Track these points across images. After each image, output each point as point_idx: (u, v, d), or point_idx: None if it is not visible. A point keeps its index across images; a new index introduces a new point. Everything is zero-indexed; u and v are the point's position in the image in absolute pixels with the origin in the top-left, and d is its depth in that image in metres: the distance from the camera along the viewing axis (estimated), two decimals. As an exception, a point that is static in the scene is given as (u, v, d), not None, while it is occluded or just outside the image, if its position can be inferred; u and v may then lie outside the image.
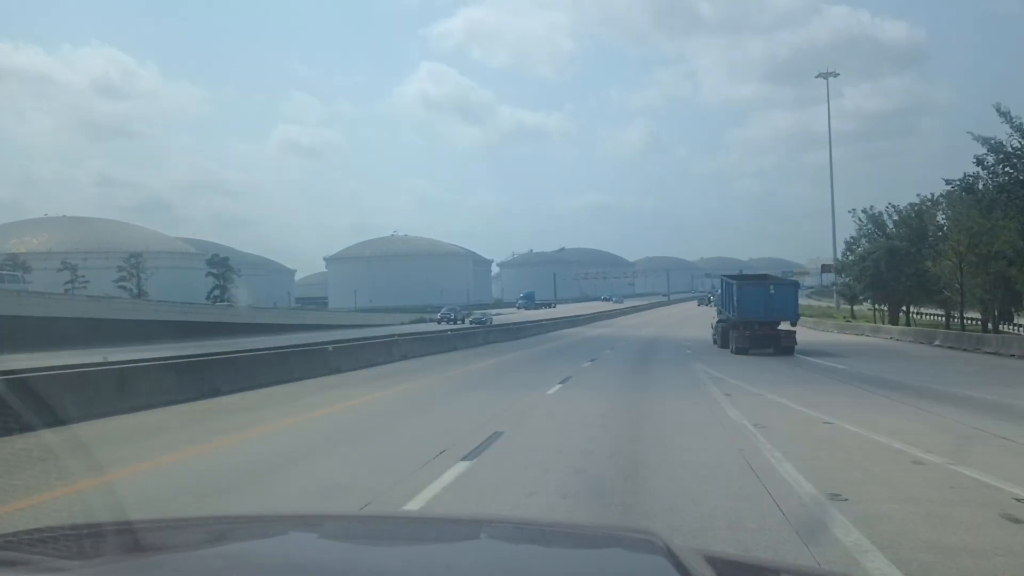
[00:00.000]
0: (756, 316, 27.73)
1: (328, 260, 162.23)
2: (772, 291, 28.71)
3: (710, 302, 77.13)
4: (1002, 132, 32.07)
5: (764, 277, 34.46)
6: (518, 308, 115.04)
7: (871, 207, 49.12)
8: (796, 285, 30.78)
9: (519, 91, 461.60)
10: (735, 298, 28.89)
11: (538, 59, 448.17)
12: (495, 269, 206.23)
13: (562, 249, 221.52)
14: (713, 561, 1.90)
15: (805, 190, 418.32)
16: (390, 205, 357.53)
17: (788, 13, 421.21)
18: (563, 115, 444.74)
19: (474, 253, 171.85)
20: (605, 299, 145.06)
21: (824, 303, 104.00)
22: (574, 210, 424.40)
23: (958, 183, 35.57)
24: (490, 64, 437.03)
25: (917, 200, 43.96)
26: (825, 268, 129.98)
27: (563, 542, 2.28)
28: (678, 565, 1.69)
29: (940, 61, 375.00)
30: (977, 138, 33.08)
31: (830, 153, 75.11)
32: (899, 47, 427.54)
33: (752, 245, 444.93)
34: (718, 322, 33.05)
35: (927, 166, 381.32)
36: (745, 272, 54.64)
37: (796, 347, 28.01)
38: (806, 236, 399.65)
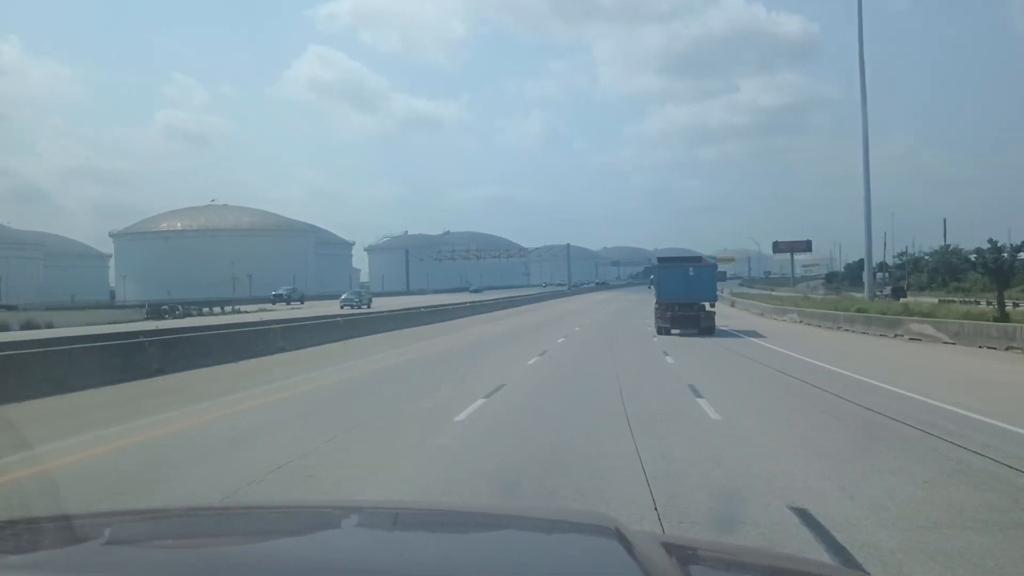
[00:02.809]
0: (676, 297, 28.39)
1: (115, 237, 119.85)
2: (692, 273, 29.09)
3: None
4: None
5: (698, 259, 34.38)
6: None
7: None
8: (714, 267, 32.65)
9: (413, 79, 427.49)
10: (658, 280, 30.63)
11: (431, 45, 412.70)
12: (362, 254, 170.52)
13: (447, 232, 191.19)
14: (668, 546, 1.90)
15: (702, 184, 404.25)
16: (281, 196, 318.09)
17: (685, 2, 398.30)
18: (460, 105, 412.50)
19: (321, 230, 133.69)
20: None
21: (787, 292, 73.25)
22: (473, 201, 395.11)
23: None
24: (381, 49, 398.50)
25: None
26: (779, 247, 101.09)
27: (514, 526, 2.22)
28: (630, 549, 1.69)
29: (832, 57, 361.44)
30: None
31: (863, 96, 42.31)
32: (794, 42, 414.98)
33: (655, 237, 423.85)
34: (655, 305, 31.08)
35: (818, 162, 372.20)
36: (687, 256, 49.29)
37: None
38: (706, 229, 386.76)
